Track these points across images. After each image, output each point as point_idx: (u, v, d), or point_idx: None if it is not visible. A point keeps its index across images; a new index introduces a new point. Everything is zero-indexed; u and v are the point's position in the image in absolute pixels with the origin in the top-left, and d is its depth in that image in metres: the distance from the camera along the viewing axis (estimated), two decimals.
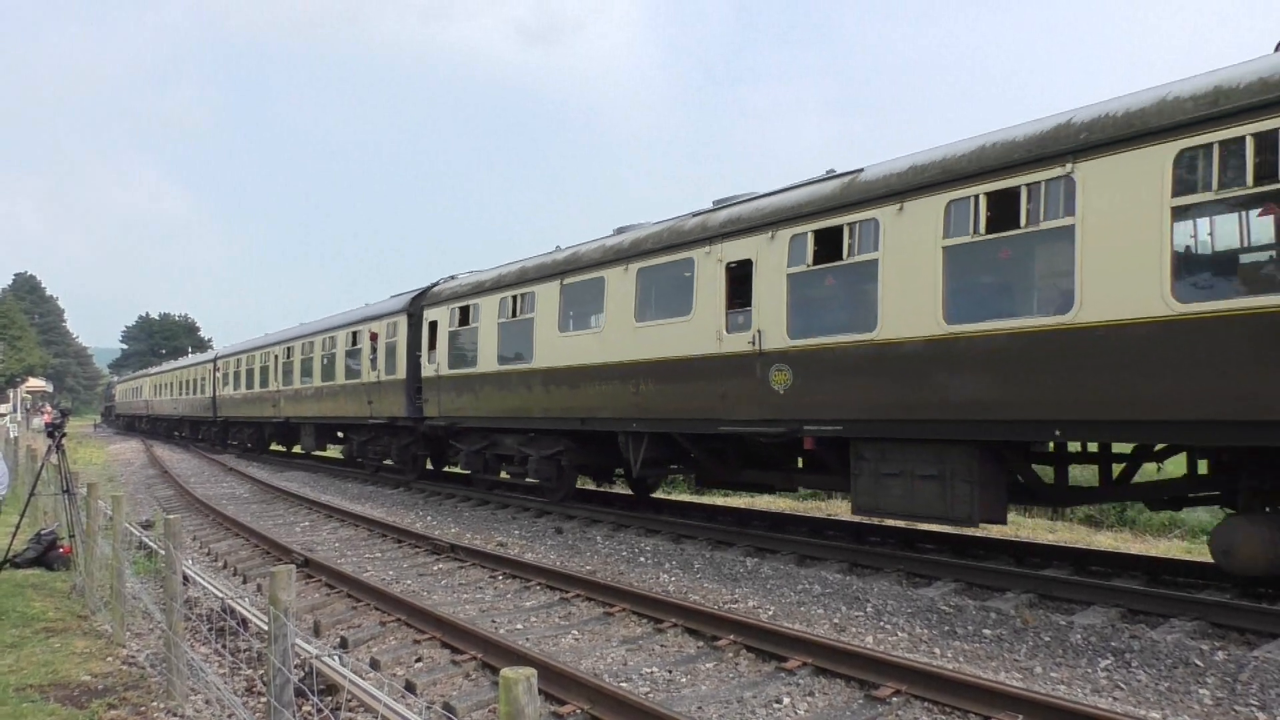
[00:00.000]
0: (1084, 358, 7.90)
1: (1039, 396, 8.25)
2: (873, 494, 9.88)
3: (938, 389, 9.10)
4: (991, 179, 8.65)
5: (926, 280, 9.15)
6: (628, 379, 13.19)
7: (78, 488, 10.75)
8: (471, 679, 6.92)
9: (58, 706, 6.04)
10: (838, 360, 10.14)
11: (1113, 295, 7.67)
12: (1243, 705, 6.05)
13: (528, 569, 10.60)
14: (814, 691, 6.48)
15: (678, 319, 12.38)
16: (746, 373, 11.24)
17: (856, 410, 9.96)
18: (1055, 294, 8.38)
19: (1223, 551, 7.81)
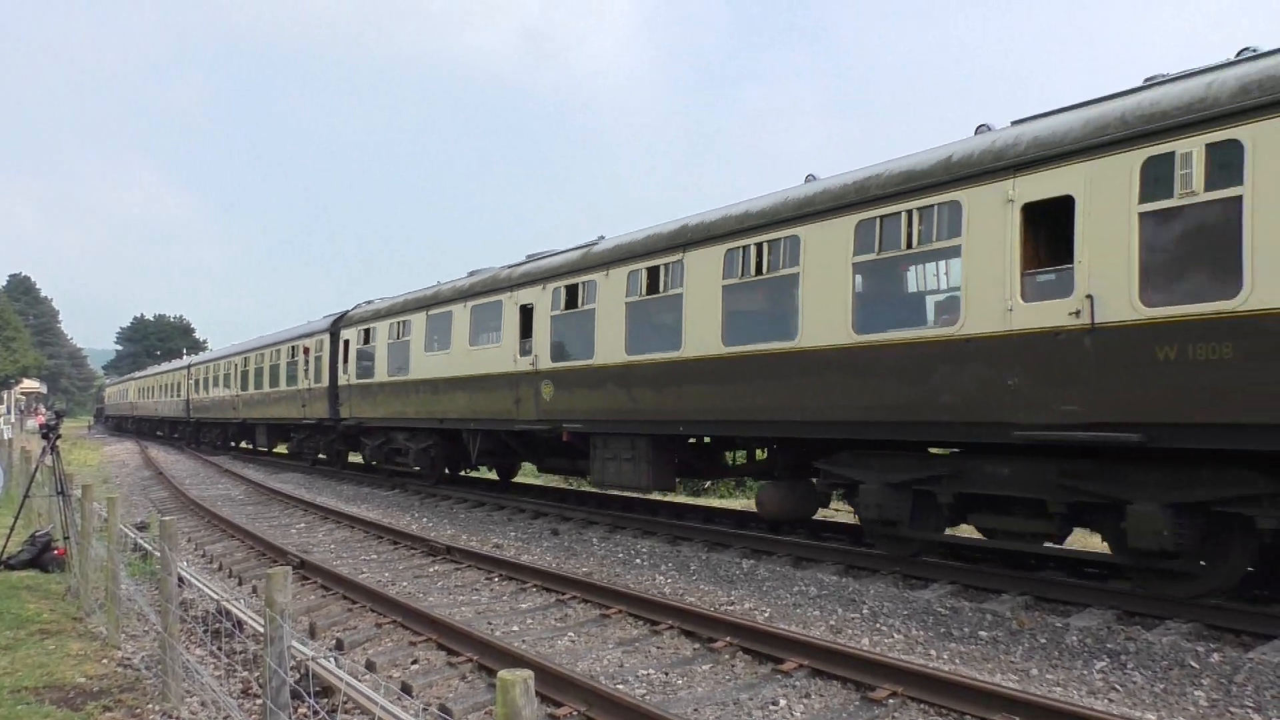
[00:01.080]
0: (687, 377, 11.97)
1: (676, 404, 12.17)
2: (601, 472, 13.92)
3: (629, 398, 12.96)
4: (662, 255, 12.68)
5: (620, 324, 13.21)
6: (465, 389, 17.22)
7: (72, 489, 10.72)
8: (468, 681, 6.91)
9: (53, 709, 6.02)
10: (578, 377, 14.13)
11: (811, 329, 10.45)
12: (1238, 707, 6.07)
13: (524, 571, 10.59)
14: (810, 693, 6.49)
15: (493, 345, 16.45)
16: (529, 385, 15.24)
17: (591, 413, 13.85)
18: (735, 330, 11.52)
19: (759, 504, 12.09)
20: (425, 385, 18.71)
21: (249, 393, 31.63)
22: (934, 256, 9.57)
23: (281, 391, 28.01)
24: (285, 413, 27.66)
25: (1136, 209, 7.50)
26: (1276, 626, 7.21)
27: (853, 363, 9.77)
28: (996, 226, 8.48)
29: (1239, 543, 7.59)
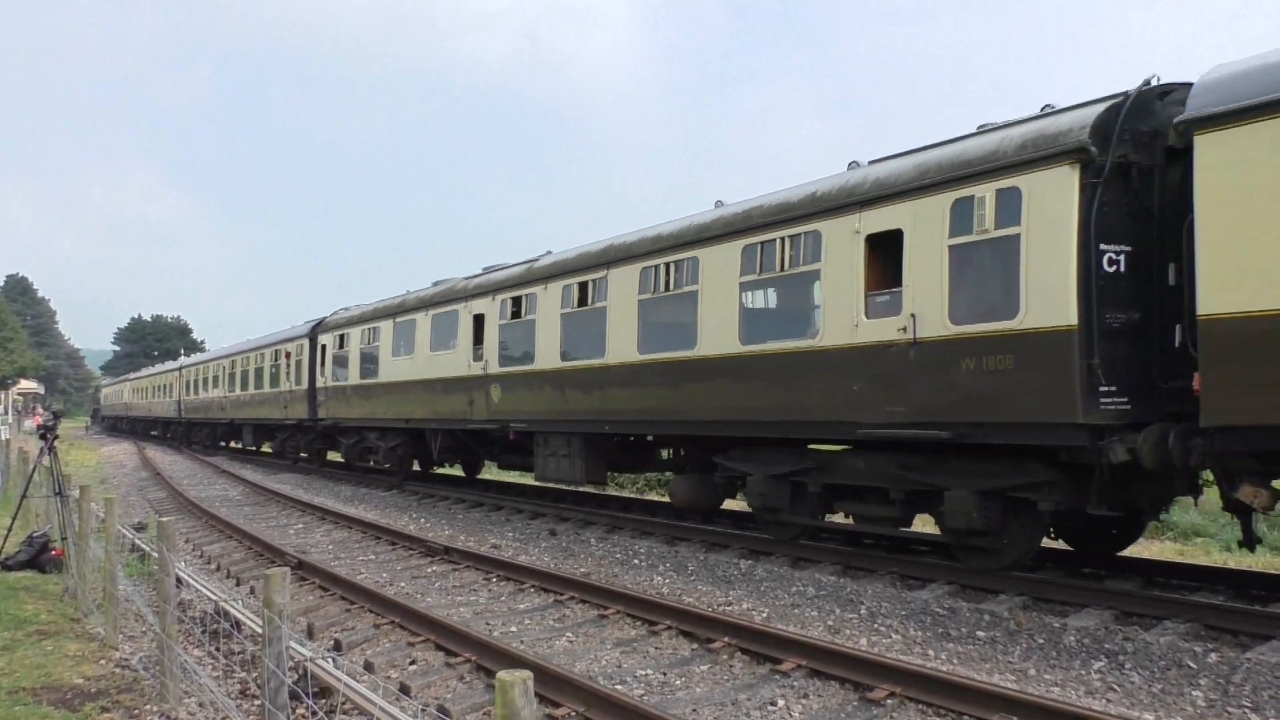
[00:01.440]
0: (610, 382, 13.40)
1: (601, 406, 13.57)
2: (543, 468, 15.21)
3: (564, 400, 14.43)
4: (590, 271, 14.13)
5: (556, 332, 14.77)
6: (427, 391, 18.67)
7: (70, 490, 10.71)
8: (466, 681, 6.91)
9: (50, 709, 6.02)
10: (521, 381, 15.62)
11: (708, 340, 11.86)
12: (1235, 707, 6.08)
13: (522, 571, 10.59)
14: (808, 693, 6.49)
15: (450, 351, 17.91)
16: (481, 388, 16.73)
17: (533, 414, 15.33)
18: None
19: (670, 495, 13.79)
20: (393, 388, 20.29)
21: (236, 394, 33.09)
22: (802, 279, 10.82)
23: (265, 393, 29.43)
24: (269, 413, 29.11)
25: (947, 242, 8.98)
26: (1274, 627, 7.23)
27: (740, 370, 11.21)
28: (848, 253, 9.97)
29: (1030, 523, 9.05)
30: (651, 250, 12.83)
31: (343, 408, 23.08)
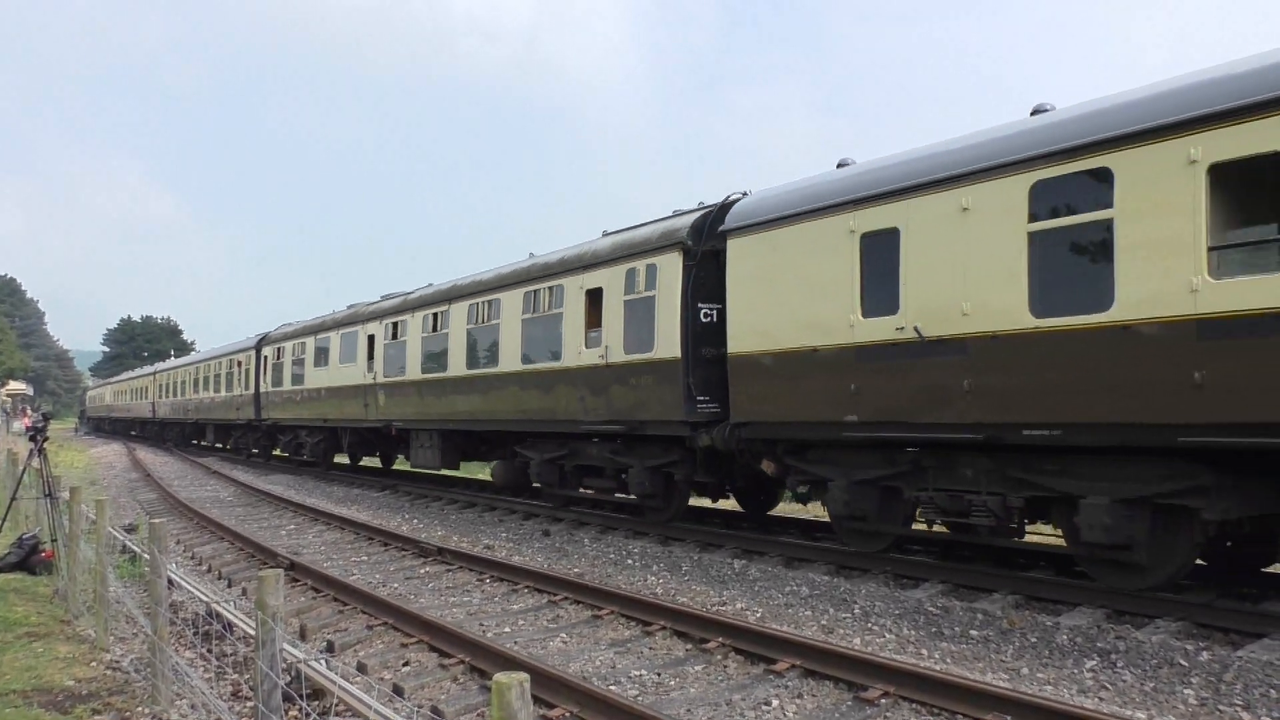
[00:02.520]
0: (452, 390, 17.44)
1: (448, 409, 17.62)
2: (415, 457, 19.52)
3: (425, 404, 18.56)
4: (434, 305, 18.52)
5: (419, 351, 18.93)
6: (337, 397, 23.26)
7: (60, 491, 10.65)
8: (459, 683, 6.90)
9: (41, 712, 5.98)
10: (398, 389, 19.82)
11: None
12: (1227, 705, 6.10)
13: (515, 572, 10.58)
14: (802, 693, 6.49)
15: (352, 364, 22.36)
16: (372, 395, 21.14)
17: (406, 415, 19.52)
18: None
19: (492, 476, 17.37)
20: (314, 393, 24.93)
21: (199, 397, 37.60)
22: (555, 318, 14.61)
23: (222, 397, 33.88)
24: (225, 415, 33.87)
25: (623, 298, 13.04)
26: (1265, 625, 7.26)
27: (522, 382, 15.32)
28: (576, 301, 14.07)
29: (682, 487, 13.20)
30: (475, 291, 16.99)
31: (280, 410, 27.67)
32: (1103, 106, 8.09)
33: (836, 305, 10.02)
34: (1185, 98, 7.38)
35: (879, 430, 9.59)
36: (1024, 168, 8.35)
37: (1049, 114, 8.76)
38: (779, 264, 10.79)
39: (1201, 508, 7.49)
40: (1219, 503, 7.43)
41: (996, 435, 8.51)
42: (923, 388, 9.15)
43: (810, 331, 10.33)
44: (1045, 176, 8.20)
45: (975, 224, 8.72)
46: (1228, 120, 7.01)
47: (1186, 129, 7.25)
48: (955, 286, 8.81)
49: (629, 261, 12.95)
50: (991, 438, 8.57)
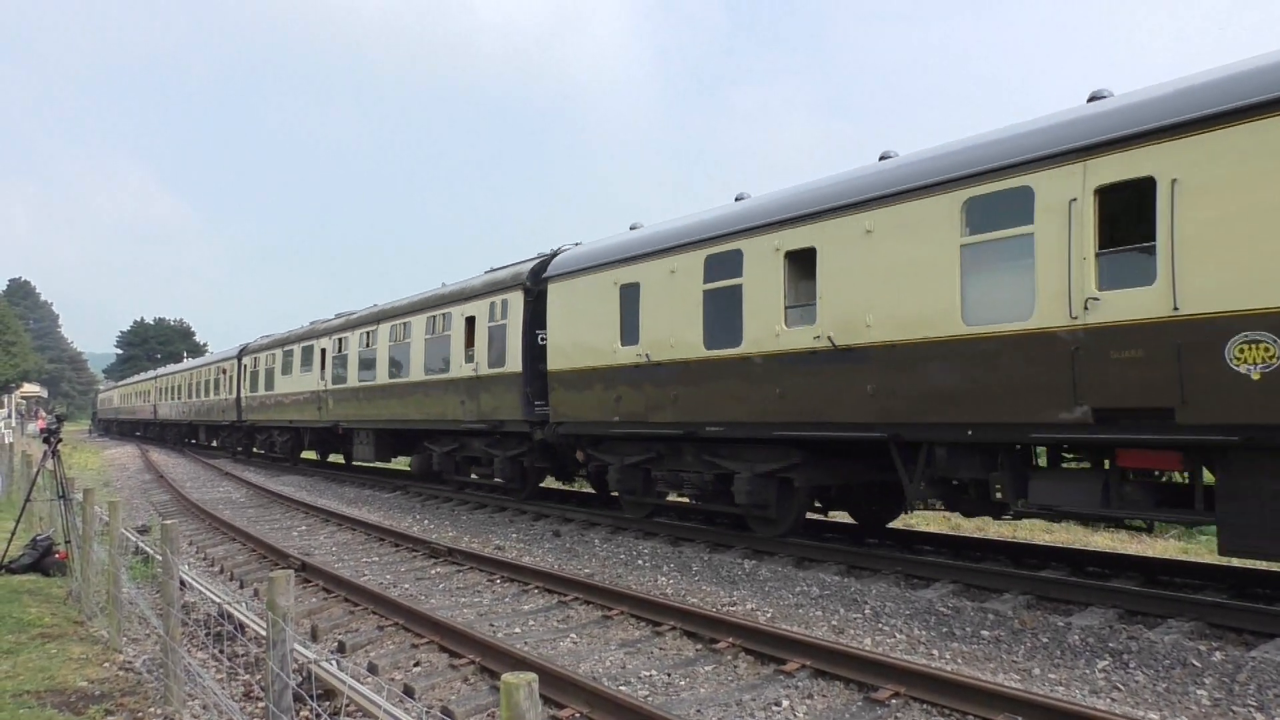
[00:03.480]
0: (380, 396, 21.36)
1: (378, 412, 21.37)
2: (358, 453, 23.30)
3: (362, 407, 22.37)
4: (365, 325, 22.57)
5: (356, 363, 22.67)
6: (298, 402, 27.11)
7: (73, 493, 10.72)
8: (470, 683, 6.91)
9: (55, 713, 6.02)
10: (343, 394, 23.65)
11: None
12: (1240, 706, 6.06)
13: (526, 572, 10.59)
14: (813, 694, 6.48)
15: (310, 373, 26.12)
16: (324, 400, 25.02)
17: (347, 417, 23.41)
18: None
19: (410, 468, 21.60)
20: (282, 399, 28.75)
21: (193, 401, 41.72)
22: (445, 340, 18.44)
23: (211, 401, 37.85)
24: (215, 417, 37.72)
25: (488, 324, 16.69)
26: (1279, 625, 7.21)
27: (425, 390, 19.10)
28: (459, 327, 17.90)
29: (534, 475, 17.09)
30: (395, 314, 21.14)
31: (256, 413, 31.55)
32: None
33: (605, 337, 13.68)
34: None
35: (631, 428, 13.27)
36: (698, 246, 12.09)
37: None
38: (575, 304, 14.52)
39: (795, 479, 11.14)
40: (805, 475, 11.10)
41: (692, 430, 12.11)
42: (652, 397, 12.79)
43: (591, 355, 14.00)
44: (713, 252, 11.83)
45: (678, 282, 12.34)
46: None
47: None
48: (673, 326, 12.35)
49: (492, 296, 16.78)
50: (689, 432, 12.16)
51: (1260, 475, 7.12)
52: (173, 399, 46.29)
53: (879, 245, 9.66)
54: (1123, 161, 7.71)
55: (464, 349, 17.53)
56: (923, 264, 9.20)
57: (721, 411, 11.61)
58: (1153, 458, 7.99)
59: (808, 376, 10.45)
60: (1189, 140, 7.29)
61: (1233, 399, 6.97)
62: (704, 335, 11.77)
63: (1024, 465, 8.95)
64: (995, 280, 8.74)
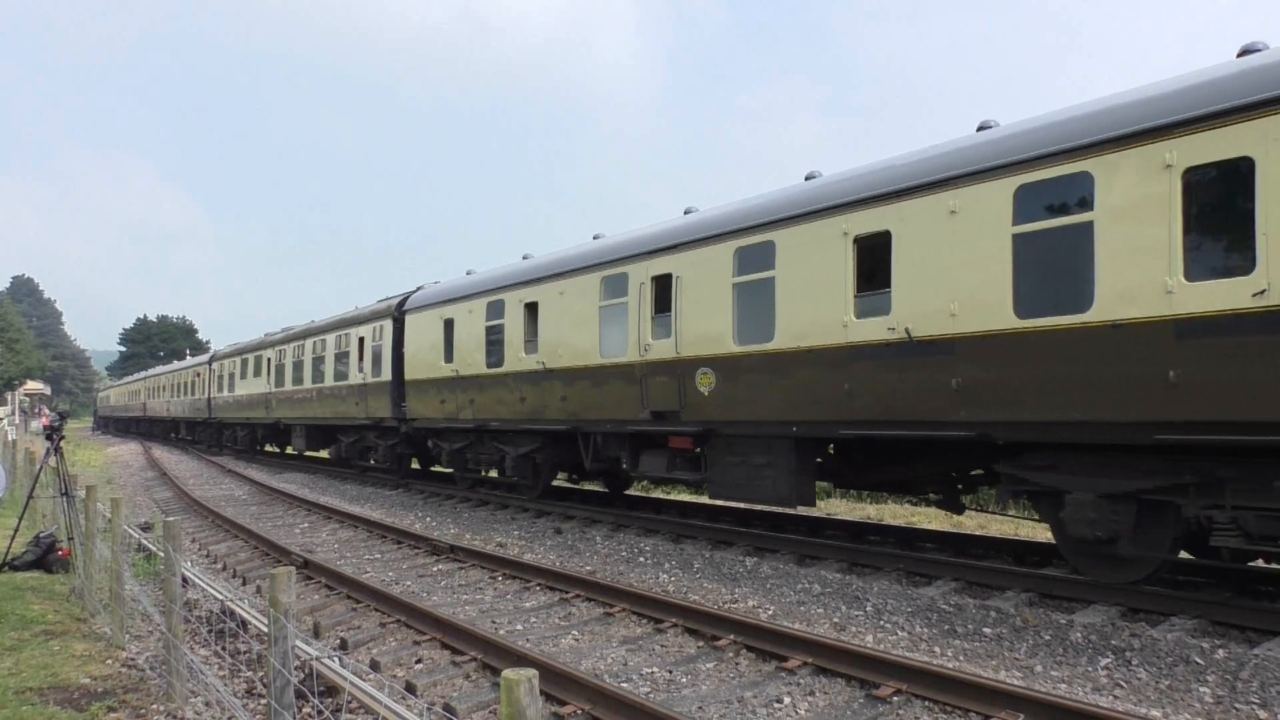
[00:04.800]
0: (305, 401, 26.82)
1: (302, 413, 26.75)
2: (296, 444, 27.77)
3: (297, 408, 27.00)
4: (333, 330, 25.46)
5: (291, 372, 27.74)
6: (252, 402, 32.10)
7: (76, 490, 10.73)
8: (472, 680, 6.92)
9: (57, 709, 6.03)
10: (286, 395, 28.07)
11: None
12: (1243, 703, 6.06)
13: (527, 569, 10.60)
14: (814, 691, 6.48)
15: (259, 379, 31.13)
16: (268, 403, 29.97)
17: (288, 416, 27.93)
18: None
19: (329, 456, 28.45)
20: (240, 399, 33.90)
21: (173, 399, 47.47)
22: (347, 354, 23.29)
23: (188, 399, 43.45)
24: (190, 414, 43.23)
25: (371, 343, 21.67)
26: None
27: (336, 394, 23.87)
28: (357, 343, 22.82)
29: (398, 454, 22.12)
30: (318, 331, 25.81)
31: (222, 411, 36.86)
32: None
33: (436, 356, 18.60)
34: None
35: (452, 423, 18.08)
36: (481, 296, 17.12)
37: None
38: (420, 331, 19.49)
39: (538, 457, 16.13)
40: (545, 455, 15.99)
41: (483, 425, 16.95)
42: (461, 401, 17.61)
43: (429, 369, 18.82)
44: (491, 300, 16.89)
45: (474, 319, 17.24)
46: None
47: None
48: (471, 351, 17.28)
49: (375, 322, 21.91)
50: (480, 425, 17.09)
51: (723, 452, 11.76)
52: (158, 398, 52.18)
53: (568, 302, 14.74)
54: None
55: (358, 362, 22.58)
56: (584, 317, 14.41)
57: (497, 412, 16.49)
58: (679, 441, 12.55)
59: (536, 389, 15.30)
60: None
61: (701, 408, 11.87)
62: (486, 358, 16.84)
63: (637, 447, 13.50)
64: (611, 331, 13.79)
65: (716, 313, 11.57)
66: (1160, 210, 7.37)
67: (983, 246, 8.62)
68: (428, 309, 19.14)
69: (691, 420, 12.03)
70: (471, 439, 17.89)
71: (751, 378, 11.09)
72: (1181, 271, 7.23)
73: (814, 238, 10.24)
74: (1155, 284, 7.34)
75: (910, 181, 9.30)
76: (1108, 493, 8.03)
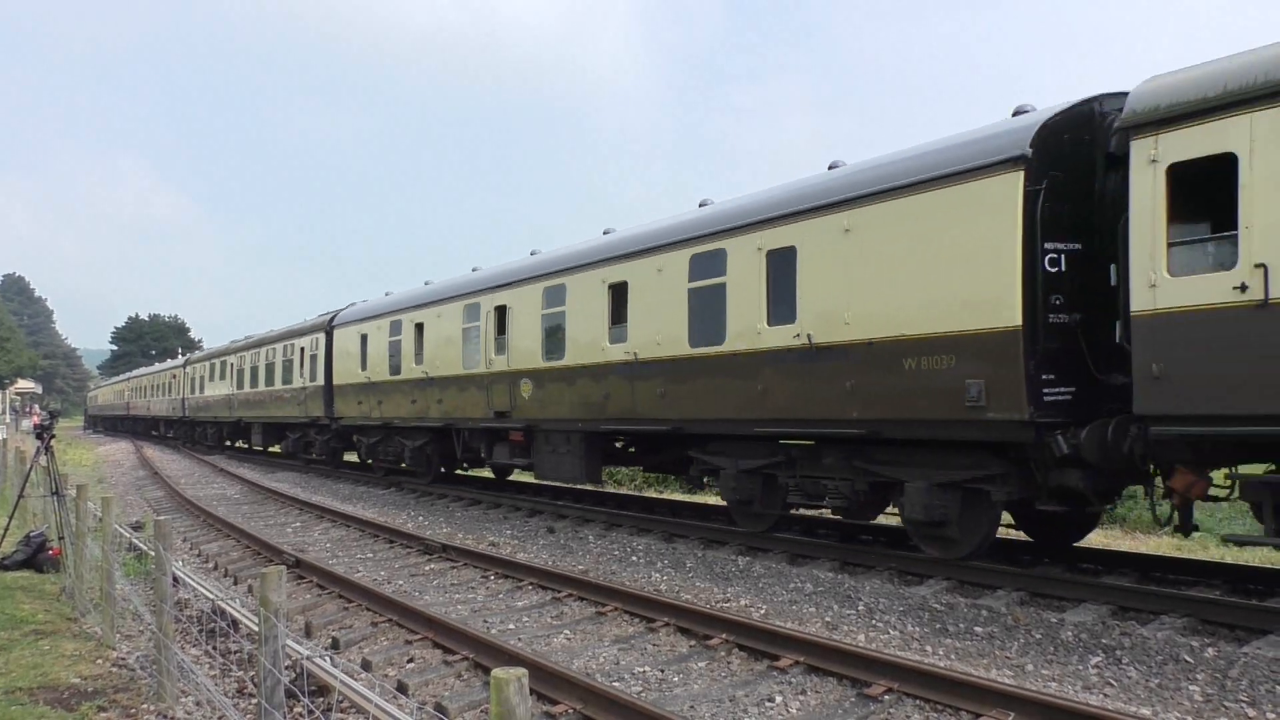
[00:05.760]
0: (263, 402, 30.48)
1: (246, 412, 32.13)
2: (255, 440, 32.37)
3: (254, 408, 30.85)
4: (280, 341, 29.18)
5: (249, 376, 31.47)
6: (217, 402, 35.78)
7: (67, 489, 10.69)
8: (463, 679, 6.91)
9: (47, 709, 6.01)
10: (243, 398, 32.06)
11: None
12: (1232, 701, 6.08)
13: (520, 569, 10.59)
14: (806, 690, 6.49)
15: (224, 381, 34.71)
16: (232, 404, 33.68)
17: (248, 414, 31.76)
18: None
19: (281, 450, 30.69)
20: (209, 400, 37.48)
21: (153, 399, 51.59)
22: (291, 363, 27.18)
23: (165, 399, 47.42)
24: (167, 413, 47.37)
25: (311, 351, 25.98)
26: (1270, 621, 7.23)
27: (281, 396, 27.64)
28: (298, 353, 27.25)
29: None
30: (264, 342, 29.92)
31: (194, 410, 40.37)
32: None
33: (355, 365, 22.22)
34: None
35: (366, 421, 21.90)
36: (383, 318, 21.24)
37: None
38: (345, 343, 23.14)
39: (428, 448, 19.62)
40: (434, 446, 19.54)
41: (389, 422, 20.63)
42: (371, 403, 21.36)
43: (351, 375, 22.55)
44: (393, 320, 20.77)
45: (380, 336, 21.08)
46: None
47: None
48: (378, 361, 21.05)
49: (312, 334, 25.47)
50: (386, 423, 20.77)
51: (542, 443, 15.15)
52: (140, 398, 56.38)
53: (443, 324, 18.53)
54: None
55: (300, 369, 26.04)
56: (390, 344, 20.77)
57: (398, 412, 20.12)
58: (515, 435, 15.90)
59: (423, 394, 18.95)
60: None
61: (525, 409, 15.37)
62: (389, 368, 20.48)
63: (490, 440, 16.94)
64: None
65: (532, 336, 15.33)
66: (756, 278, 10.87)
67: (672, 296, 12.18)
68: (351, 325, 22.95)
69: (519, 418, 15.61)
70: (382, 435, 21.78)
71: (553, 386, 14.71)
72: (766, 320, 10.77)
73: (586, 284, 14.06)
74: (752, 329, 10.90)
75: (636, 247, 13.11)
76: (744, 469, 11.40)
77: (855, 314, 9.58)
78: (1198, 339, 7.15)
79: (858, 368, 9.55)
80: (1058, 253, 8.31)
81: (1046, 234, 8.20)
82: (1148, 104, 7.56)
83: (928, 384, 8.85)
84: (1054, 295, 8.26)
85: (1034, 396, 8.11)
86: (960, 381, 8.54)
